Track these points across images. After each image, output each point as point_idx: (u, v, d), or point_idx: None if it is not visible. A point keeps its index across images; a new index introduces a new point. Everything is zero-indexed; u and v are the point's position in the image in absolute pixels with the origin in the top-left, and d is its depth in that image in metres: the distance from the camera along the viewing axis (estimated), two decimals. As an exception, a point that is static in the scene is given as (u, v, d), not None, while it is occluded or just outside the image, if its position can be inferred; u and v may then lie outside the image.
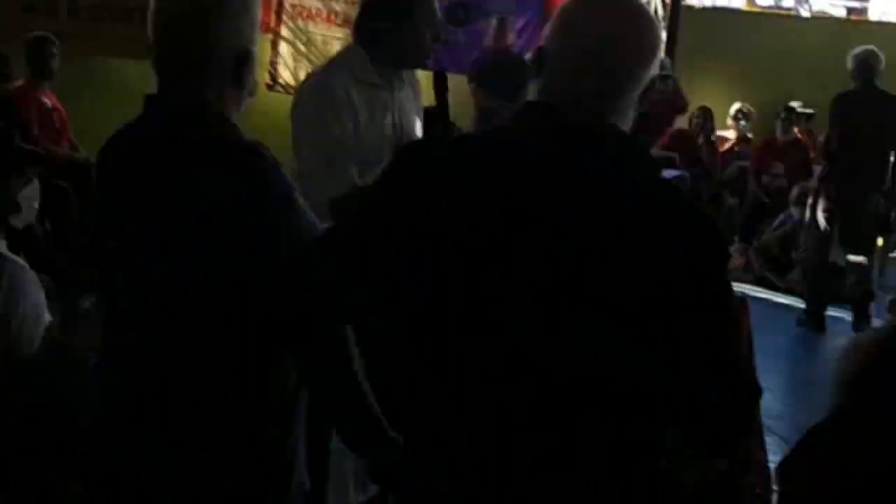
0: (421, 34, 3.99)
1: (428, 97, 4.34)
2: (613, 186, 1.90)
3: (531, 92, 2.07)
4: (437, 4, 4.04)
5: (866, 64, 8.46)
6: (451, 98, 4.11)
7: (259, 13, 2.51)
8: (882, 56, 8.50)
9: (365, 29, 4.06)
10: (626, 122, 2.03)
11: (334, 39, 10.94)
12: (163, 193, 2.34)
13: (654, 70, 2.04)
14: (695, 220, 1.96)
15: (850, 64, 8.51)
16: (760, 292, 9.74)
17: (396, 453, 2.14)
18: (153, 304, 2.40)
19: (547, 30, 2.08)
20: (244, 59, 2.42)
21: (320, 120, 3.90)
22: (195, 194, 2.29)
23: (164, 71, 2.44)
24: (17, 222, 3.61)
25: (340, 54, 4.13)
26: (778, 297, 9.73)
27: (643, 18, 2.04)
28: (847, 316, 8.79)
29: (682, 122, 11.29)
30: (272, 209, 2.30)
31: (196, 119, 2.38)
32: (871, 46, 8.60)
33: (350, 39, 4.45)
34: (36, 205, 3.64)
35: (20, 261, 3.39)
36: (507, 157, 1.96)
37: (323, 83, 4.00)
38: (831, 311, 8.80)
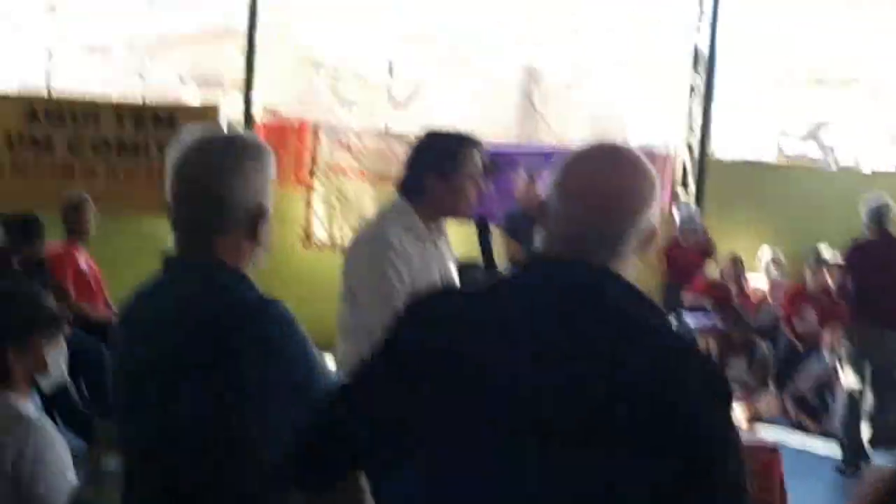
0: (465, 185, 4.13)
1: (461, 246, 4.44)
2: (617, 338, 1.95)
3: (537, 242, 2.15)
4: (479, 156, 4.18)
5: (878, 213, 8.74)
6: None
7: (272, 169, 2.60)
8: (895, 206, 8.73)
9: (411, 181, 4.20)
10: (629, 268, 2.10)
11: (366, 195, 11.16)
12: (163, 348, 2.41)
13: (654, 217, 2.12)
14: (697, 365, 2.00)
15: (862, 214, 8.74)
16: (797, 438, 9.63)
17: None
18: (152, 458, 2.47)
19: (548, 182, 2.17)
20: (258, 214, 2.51)
21: (382, 272, 3.98)
22: (193, 351, 2.36)
23: (180, 227, 2.53)
24: (46, 384, 3.67)
25: (387, 207, 4.25)
26: (815, 442, 9.62)
27: (638, 168, 2.12)
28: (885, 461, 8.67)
29: (713, 270, 11.36)
30: (271, 366, 2.35)
31: (208, 275, 2.46)
32: (882, 195, 8.87)
33: (381, 194, 4.59)
34: (64, 366, 3.71)
35: (47, 425, 3.44)
36: (513, 311, 2.02)
37: (379, 235, 4.09)
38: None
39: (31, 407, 3.48)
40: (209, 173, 2.46)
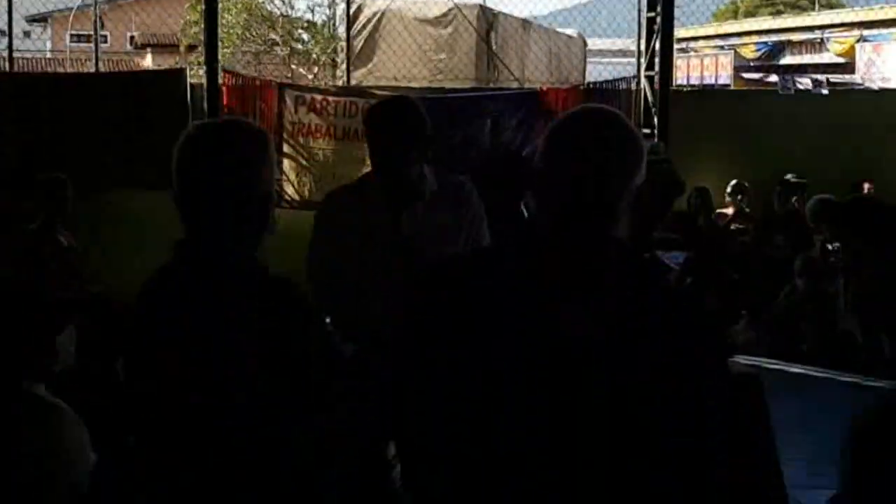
0: (382, 151, 4.17)
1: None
2: (616, 299, 2.05)
3: (529, 209, 2.25)
4: (391, 129, 4.15)
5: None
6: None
7: (274, 155, 2.69)
8: None
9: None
10: (623, 229, 2.19)
11: (335, 153, 11.16)
12: (210, 330, 2.50)
13: (642, 177, 2.21)
14: (699, 321, 2.12)
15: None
16: (774, 364, 9.77)
17: None
18: (205, 434, 2.55)
19: (539, 148, 2.25)
20: (266, 201, 2.60)
21: (315, 232, 4.36)
22: (245, 326, 2.46)
23: (191, 218, 2.60)
24: (55, 367, 3.75)
25: (364, 174, 4.41)
26: (792, 367, 9.76)
27: (624, 130, 2.21)
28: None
29: (680, 203, 11.47)
30: (313, 333, 2.52)
31: (228, 261, 2.54)
32: None
33: (348, 151, 4.74)
34: (73, 349, 3.79)
35: (61, 403, 3.52)
36: (514, 279, 2.12)
37: (326, 199, 4.54)
38: (847, 378, 8.86)
39: (43, 390, 3.56)
40: (219, 166, 2.54)
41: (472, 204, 4.33)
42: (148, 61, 28.32)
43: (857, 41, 24.63)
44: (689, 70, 26.37)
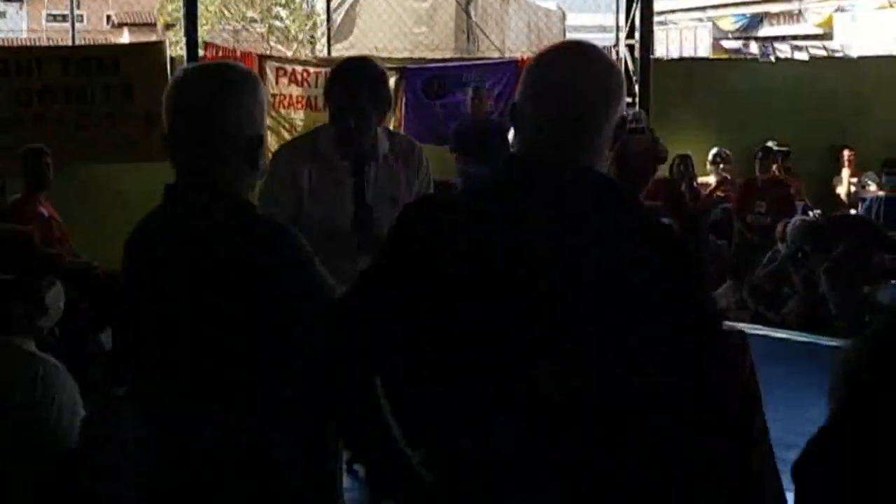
0: (336, 116, 4.05)
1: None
2: (595, 222, 2.06)
3: (512, 145, 2.24)
4: (352, 86, 4.03)
5: None
6: (436, 168, 4.24)
7: (266, 98, 2.68)
8: None
9: None
10: (603, 160, 2.20)
11: (316, 124, 11.10)
12: (197, 273, 2.49)
13: (622, 110, 2.22)
14: (673, 243, 2.14)
15: None
16: (758, 329, 9.83)
17: (425, 491, 2.19)
18: (195, 380, 2.54)
19: (518, 87, 2.25)
20: (257, 143, 2.58)
21: (265, 187, 4.03)
22: (234, 269, 2.45)
23: (182, 159, 2.59)
24: (44, 324, 3.75)
25: (315, 129, 4.29)
26: (776, 332, 9.83)
27: (603, 63, 2.21)
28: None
29: (663, 172, 11.49)
30: (300, 272, 2.49)
31: (219, 202, 2.53)
32: None
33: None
34: (61, 306, 3.78)
35: (52, 359, 3.52)
36: (499, 211, 2.11)
37: (278, 155, 4.24)
38: (829, 342, 8.93)
39: (33, 345, 3.56)
40: (210, 105, 2.53)
41: (423, 165, 4.30)
42: (125, 39, 28.12)
43: (835, 11, 24.68)
44: (668, 43, 26.37)
